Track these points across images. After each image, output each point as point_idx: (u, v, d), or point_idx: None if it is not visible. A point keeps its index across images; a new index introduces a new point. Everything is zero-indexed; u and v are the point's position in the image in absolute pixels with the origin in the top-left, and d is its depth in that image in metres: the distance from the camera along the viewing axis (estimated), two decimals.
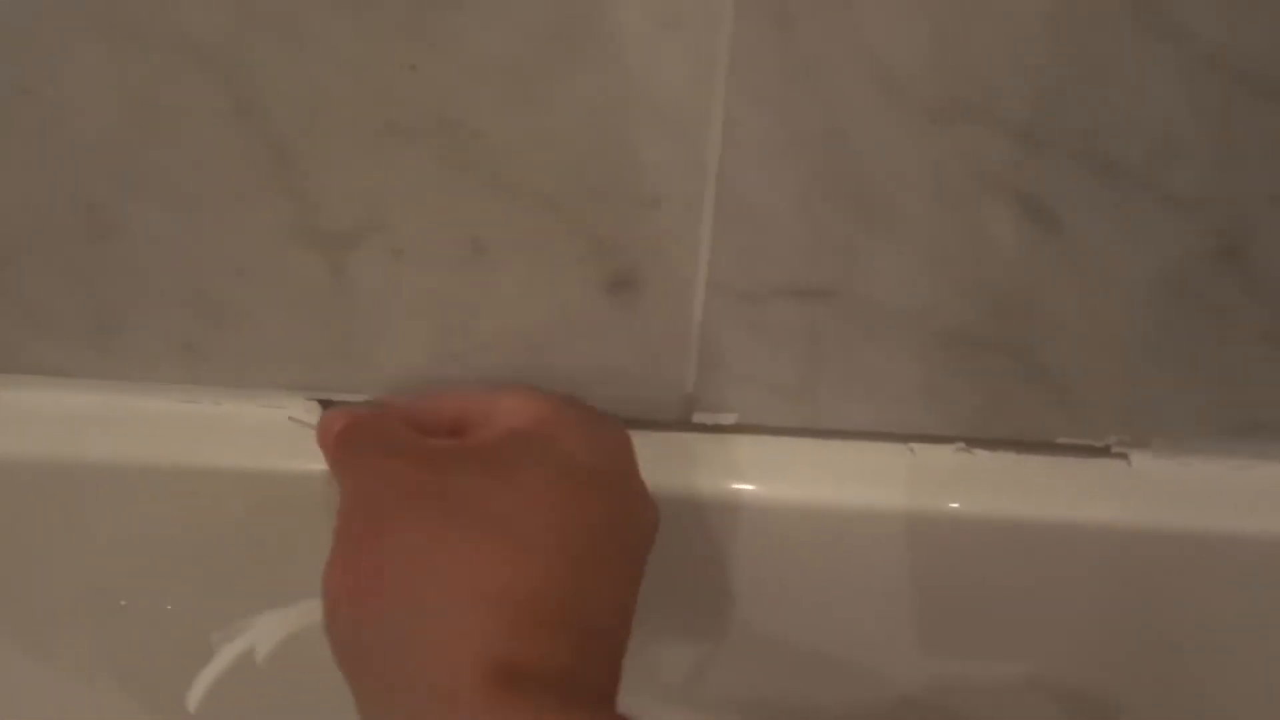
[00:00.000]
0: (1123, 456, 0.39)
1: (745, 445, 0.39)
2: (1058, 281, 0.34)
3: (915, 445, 0.39)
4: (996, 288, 0.34)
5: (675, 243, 0.33)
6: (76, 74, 0.29)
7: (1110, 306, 0.34)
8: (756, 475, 0.38)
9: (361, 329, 0.35)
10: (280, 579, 0.30)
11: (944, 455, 0.39)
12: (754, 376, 0.37)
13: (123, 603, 0.40)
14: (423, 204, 0.32)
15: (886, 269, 0.34)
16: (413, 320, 0.35)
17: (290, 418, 0.37)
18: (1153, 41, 0.28)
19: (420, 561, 0.25)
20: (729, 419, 0.38)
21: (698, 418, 0.38)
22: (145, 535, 0.38)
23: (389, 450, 0.29)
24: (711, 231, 0.33)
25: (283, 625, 0.28)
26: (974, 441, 0.39)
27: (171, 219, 0.32)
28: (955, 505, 0.38)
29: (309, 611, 0.28)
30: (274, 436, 0.37)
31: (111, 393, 0.37)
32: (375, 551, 0.26)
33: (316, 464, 0.34)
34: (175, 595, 0.40)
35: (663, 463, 0.37)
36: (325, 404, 0.37)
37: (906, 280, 0.34)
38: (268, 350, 0.35)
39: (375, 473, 0.28)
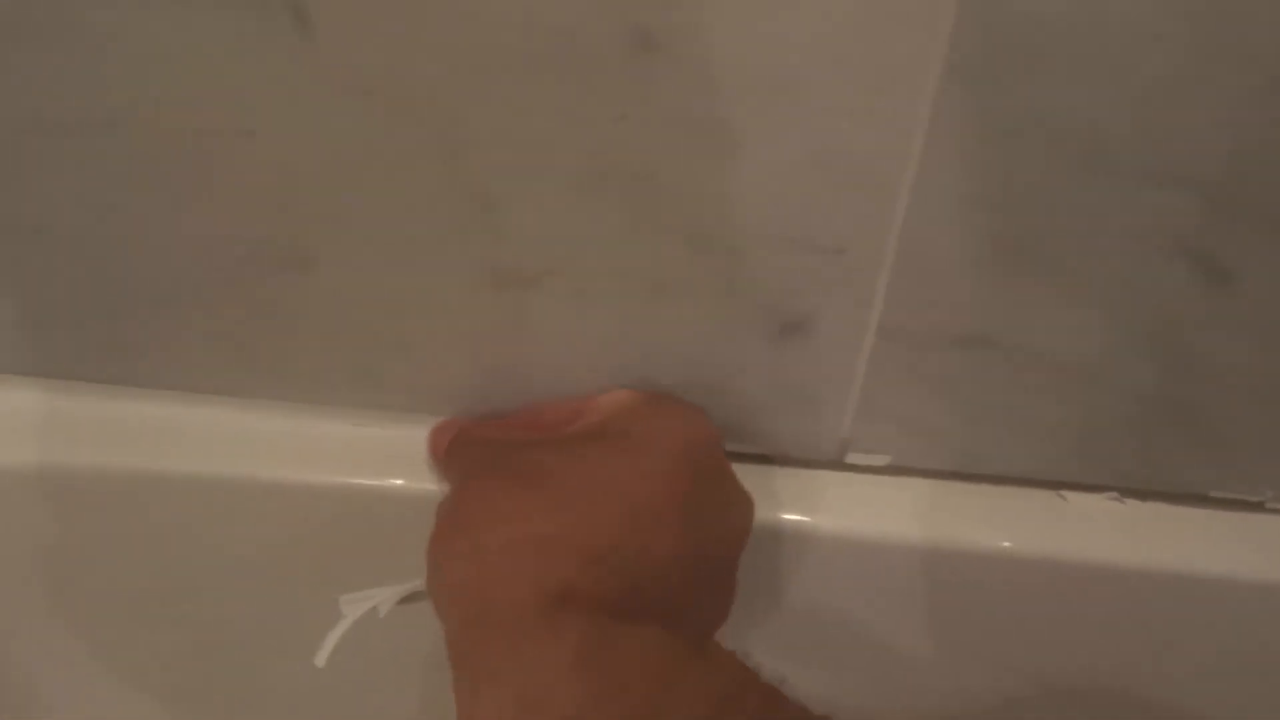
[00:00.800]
0: (1277, 512, 0.39)
1: (896, 487, 0.39)
2: (1231, 340, 0.34)
3: (1067, 493, 0.39)
4: (1170, 343, 0.34)
5: (852, 290, 0.34)
6: (308, 120, 0.30)
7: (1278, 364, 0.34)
8: (904, 517, 0.39)
9: (536, 365, 0.36)
10: None
11: (1096, 503, 0.39)
12: (911, 420, 0.37)
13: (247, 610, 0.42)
14: (608, 248, 0.33)
15: (1056, 321, 0.34)
16: (585, 357, 0.36)
17: None
18: None
19: (491, 515, 0.29)
20: (882, 460, 0.39)
21: (851, 458, 0.39)
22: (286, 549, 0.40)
23: (492, 441, 0.34)
24: (888, 281, 0.33)
25: (400, 590, 0.33)
26: (1126, 491, 0.39)
27: (375, 256, 0.33)
28: (1107, 554, 0.38)
29: (418, 585, 0.33)
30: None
31: (287, 414, 0.39)
32: (459, 510, 0.30)
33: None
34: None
35: (815, 500, 0.38)
36: None
37: (1076, 332, 0.34)
38: (445, 382, 0.37)
39: (473, 460, 0.33)
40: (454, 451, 0.35)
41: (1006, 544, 0.38)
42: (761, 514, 0.38)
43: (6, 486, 0.38)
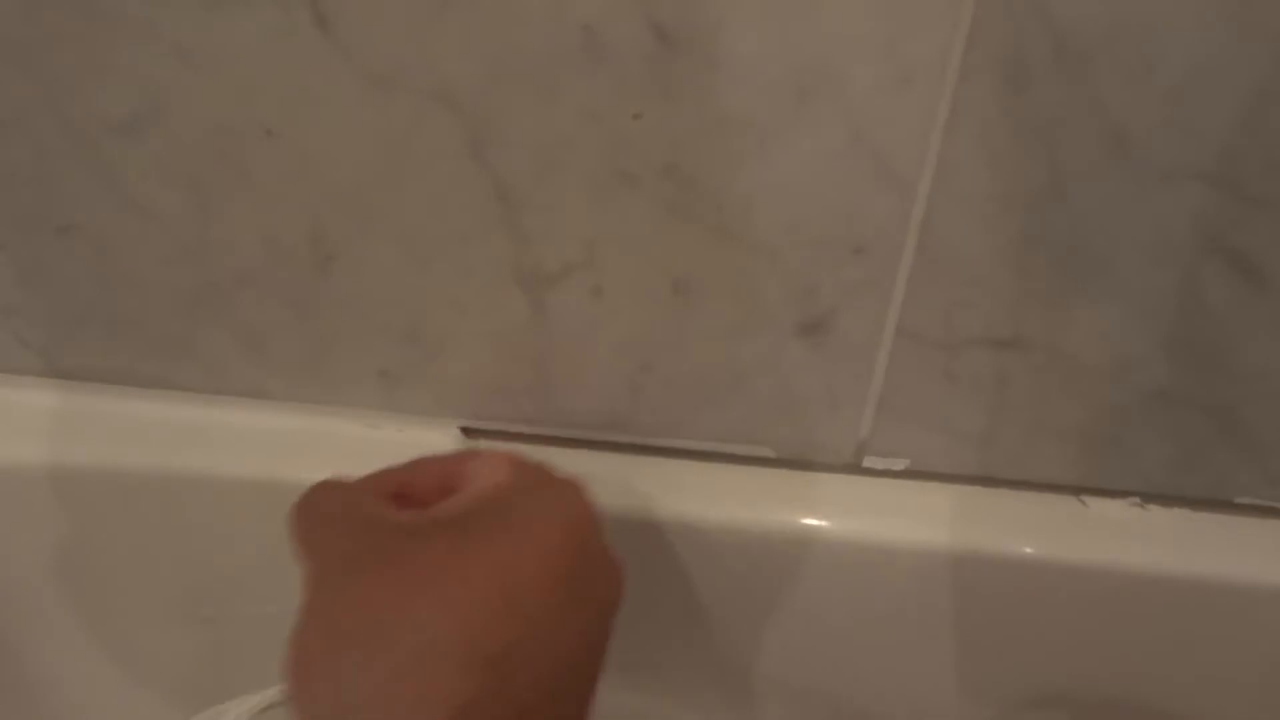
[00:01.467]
0: None
1: (913, 492, 0.39)
2: (1267, 341, 0.33)
3: (1088, 498, 0.39)
4: (1202, 344, 0.34)
5: (872, 289, 0.33)
6: (330, 119, 0.31)
7: None
8: (921, 522, 0.38)
9: (557, 363, 0.36)
10: None
11: (1117, 509, 0.39)
12: (933, 423, 0.37)
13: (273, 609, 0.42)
14: (633, 246, 0.33)
15: (1087, 322, 0.34)
16: (605, 356, 0.36)
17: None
18: None
19: (379, 624, 0.26)
20: (899, 465, 0.39)
21: (868, 462, 0.39)
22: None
23: (353, 524, 0.29)
24: (907, 280, 0.33)
25: (255, 703, 0.29)
26: (1149, 497, 0.39)
27: (397, 255, 0.34)
28: (1129, 560, 0.38)
29: (274, 695, 0.29)
30: None
31: (308, 415, 0.39)
32: (339, 619, 0.27)
33: None
34: None
35: (828, 504, 0.38)
36: (465, 431, 0.39)
37: (1107, 334, 0.34)
38: (466, 381, 0.37)
39: (338, 546, 0.29)
40: (309, 518, 0.30)
41: (1027, 550, 0.38)
42: (778, 519, 0.38)
43: (28, 486, 0.38)
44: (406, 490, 0.32)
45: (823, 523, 0.38)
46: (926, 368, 0.35)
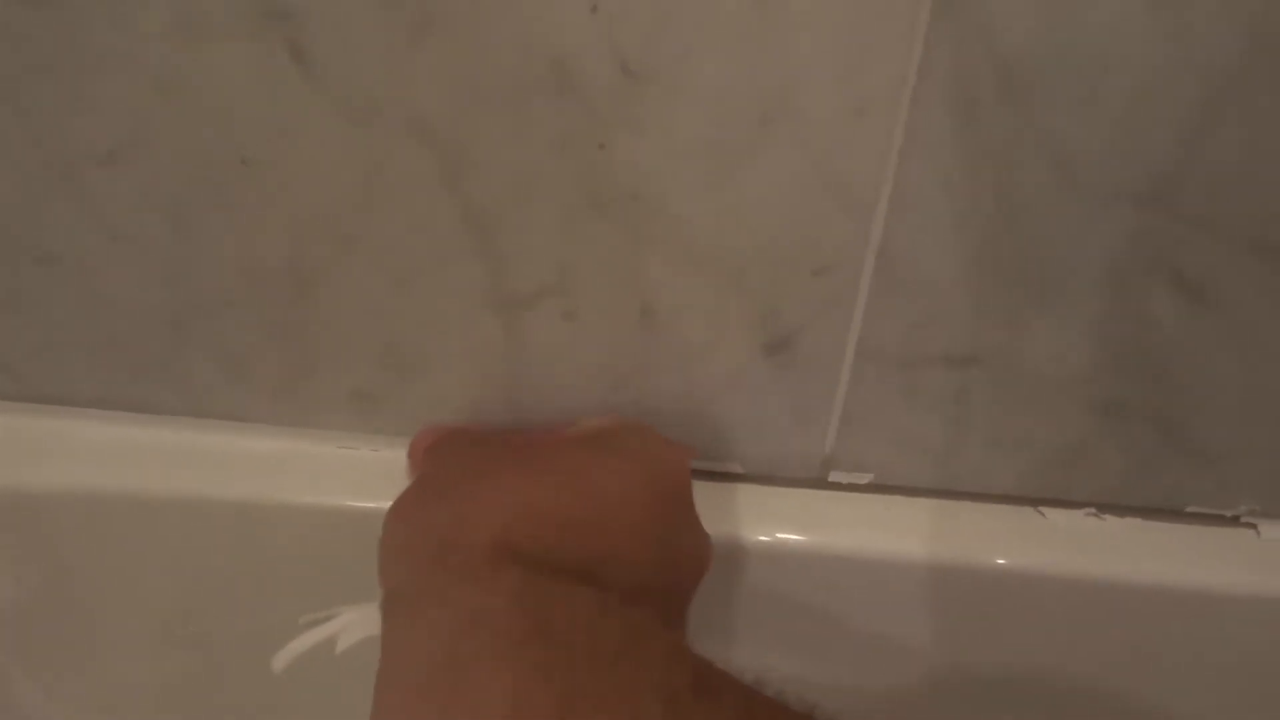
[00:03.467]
0: (1251, 526, 0.40)
1: (878, 506, 0.40)
2: (1212, 357, 0.35)
3: (1046, 509, 0.40)
4: (1151, 361, 0.35)
5: (833, 310, 0.35)
6: (307, 148, 0.32)
7: (1263, 382, 0.36)
8: (885, 535, 0.39)
9: (530, 385, 0.37)
10: None
11: (1075, 519, 0.40)
12: (895, 439, 0.38)
13: (256, 631, 0.42)
14: (603, 271, 0.34)
15: (1041, 340, 0.35)
16: (577, 378, 0.37)
17: None
18: None
19: (468, 471, 0.31)
20: (864, 479, 0.40)
21: (834, 477, 0.40)
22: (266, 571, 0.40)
23: (464, 435, 0.36)
24: (867, 301, 0.34)
25: (366, 625, 0.30)
26: (1104, 507, 0.40)
27: (373, 279, 0.34)
28: (1086, 569, 0.39)
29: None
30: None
31: (280, 438, 0.39)
32: (436, 471, 0.33)
33: None
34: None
35: (797, 518, 0.39)
36: None
37: (1061, 351, 0.35)
38: (440, 403, 0.38)
39: (449, 446, 0.35)
40: (437, 446, 0.36)
41: (989, 560, 0.39)
42: (744, 533, 0.39)
43: (7, 512, 0.39)
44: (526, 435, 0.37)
45: (784, 537, 0.39)
46: (888, 385, 0.37)
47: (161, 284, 0.35)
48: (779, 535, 0.39)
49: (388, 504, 0.38)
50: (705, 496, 0.39)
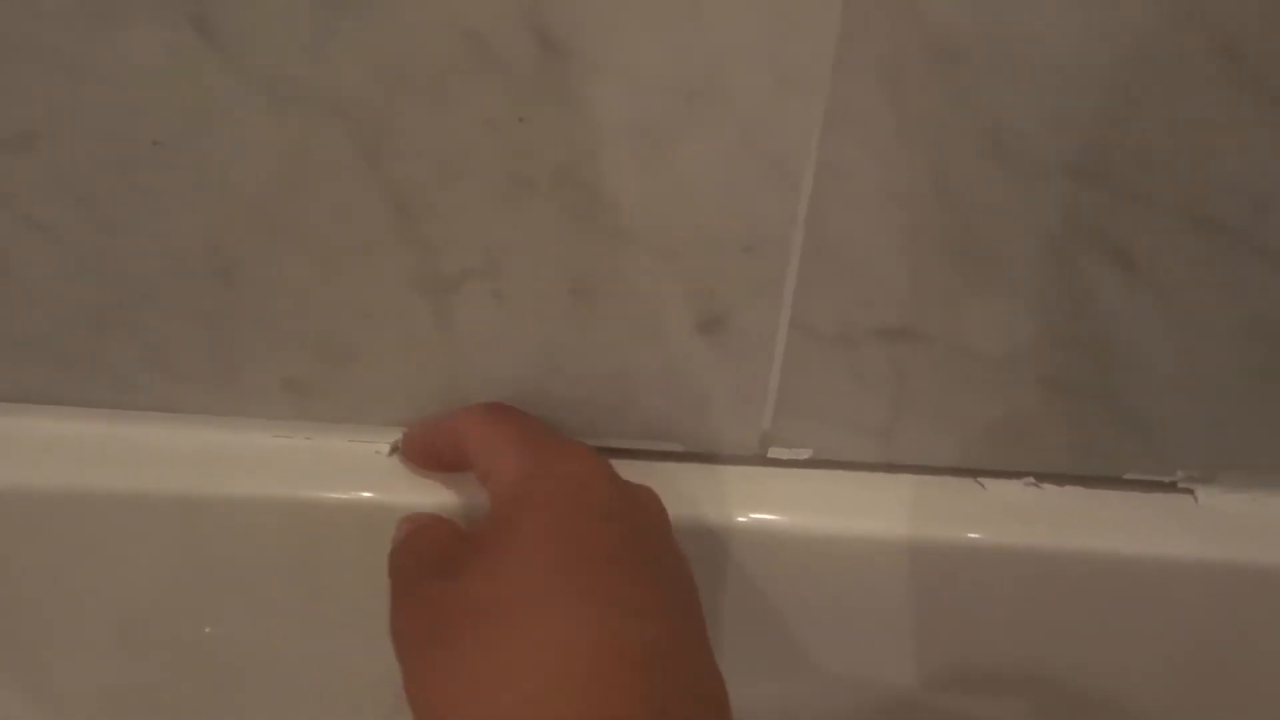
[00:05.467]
0: (1189, 492, 0.40)
1: (817, 480, 0.40)
2: (1146, 328, 0.35)
3: (985, 480, 0.40)
4: (1086, 333, 0.35)
5: (763, 286, 0.34)
6: (221, 129, 0.31)
7: (1196, 352, 0.36)
8: (824, 510, 0.39)
9: (465, 369, 0.37)
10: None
11: (1013, 490, 0.40)
12: (833, 414, 0.38)
13: (207, 629, 0.42)
14: (531, 252, 0.34)
15: (977, 313, 0.35)
16: (511, 360, 0.37)
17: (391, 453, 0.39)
18: (1257, 109, 0.30)
19: (454, 697, 0.27)
20: (803, 454, 0.40)
21: (773, 453, 0.40)
22: (204, 565, 0.40)
23: (414, 598, 0.31)
24: (798, 275, 0.34)
25: None
26: (1044, 476, 0.40)
27: (298, 265, 0.34)
28: (1021, 538, 0.39)
29: None
30: (348, 469, 0.39)
31: (214, 428, 0.39)
32: (427, 698, 0.28)
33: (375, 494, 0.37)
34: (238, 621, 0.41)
35: (735, 497, 0.39)
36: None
37: (998, 324, 0.35)
38: (375, 389, 0.37)
39: (413, 610, 0.30)
40: (393, 572, 0.33)
41: (927, 532, 0.39)
42: (684, 512, 0.38)
43: None
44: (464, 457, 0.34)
45: (725, 515, 0.38)
46: (824, 360, 0.36)
47: (83, 273, 0.35)
48: (711, 514, 0.38)
49: (328, 494, 0.38)
50: (643, 476, 0.39)
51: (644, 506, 0.33)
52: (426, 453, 0.37)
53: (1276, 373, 0.36)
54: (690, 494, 0.39)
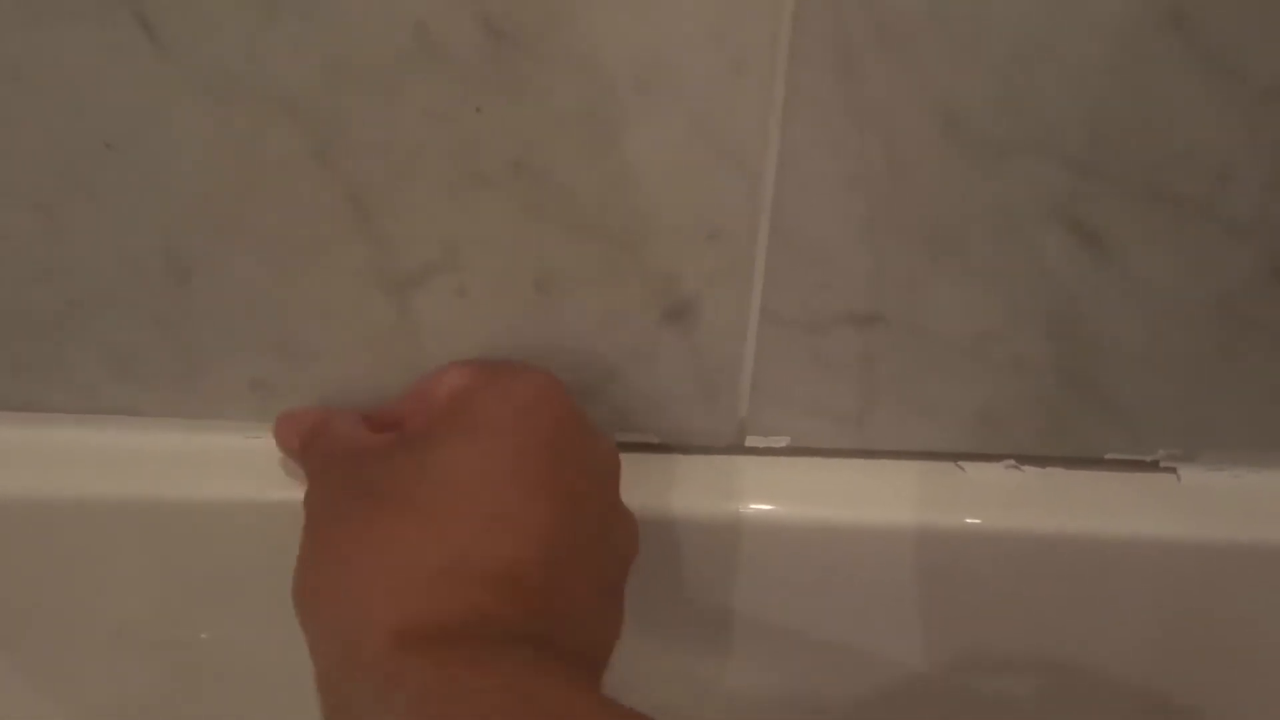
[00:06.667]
0: (1171, 470, 0.40)
1: (795, 468, 0.40)
2: (1113, 306, 0.35)
3: (965, 463, 0.40)
4: (1054, 313, 0.35)
5: (730, 274, 0.34)
6: (170, 130, 0.30)
7: (1165, 328, 0.35)
8: (804, 497, 0.39)
9: (428, 365, 0.36)
10: None
11: (994, 472, 0.40)
12: (807, 401, 0.38)
13: (201, 635, 0.41)
14: (491, 245, 0.33)
15: (944, 296, 0.35)
16: (475, 355, 0.36)
17: None
18: (1210, 80, 0.29)
19: (347, 550, 0.28)
20: (781, 442, 0.39)
21: (750, 442, 0.39)
22: (186, 568, 0.39)
23: (337, 455, 0.32)
24: (765, 263, 0.34)
25: None
26: (1024, 459, 0.40)
27: (255, 265, 0.33)
28: (1005, 521, 0.39)
29: None
30: None
31: (182, 431, 0.38)
32: (318, 550, 0.29)
33: None
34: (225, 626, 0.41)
35: (713, 485, 0.39)
36: None
37: (964, 307, 0.35)
38: (338, 388, 0.37)
39: (326, 476, 0.32)
40: (309, 455, 0.34)
41: (910, 517, 0.39)
42: (661, 504, 0.38)
43: None
44: (389, 412, 0.34)
45: (703, 506, 0.38)
46: (794, 348, 0.36)
47: (39, 278, 0.34)
48: (688, 505, 0.38)
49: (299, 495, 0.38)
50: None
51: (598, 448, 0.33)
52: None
53: (1246, 348, 0.35)
54: (669, 484, 0.38)
